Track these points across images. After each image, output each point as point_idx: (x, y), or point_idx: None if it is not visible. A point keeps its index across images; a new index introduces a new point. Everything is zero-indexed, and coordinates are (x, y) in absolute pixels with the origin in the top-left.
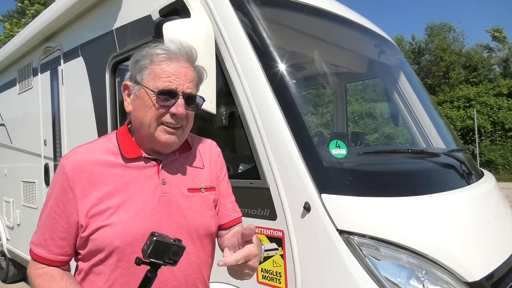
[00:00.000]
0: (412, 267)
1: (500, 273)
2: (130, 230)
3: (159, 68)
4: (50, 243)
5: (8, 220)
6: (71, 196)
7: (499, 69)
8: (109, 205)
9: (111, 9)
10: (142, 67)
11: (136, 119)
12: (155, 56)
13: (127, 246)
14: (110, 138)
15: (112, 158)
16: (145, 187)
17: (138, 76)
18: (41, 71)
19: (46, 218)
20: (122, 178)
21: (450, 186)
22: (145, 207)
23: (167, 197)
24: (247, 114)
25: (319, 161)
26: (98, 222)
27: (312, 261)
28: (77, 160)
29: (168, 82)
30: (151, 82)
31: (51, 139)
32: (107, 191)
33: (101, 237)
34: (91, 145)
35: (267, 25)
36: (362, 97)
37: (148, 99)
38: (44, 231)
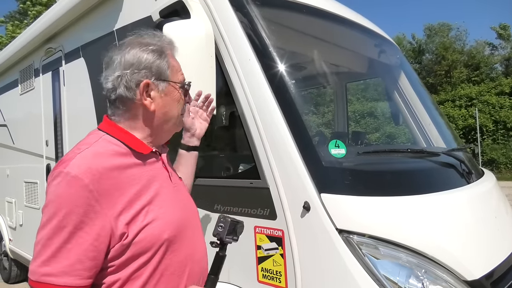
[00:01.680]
0: (412, 266)
1: (499, 272)
2: (172, 221)
3: (174, 62)
4: (78, 267)
5: (11, 220)
6: (97, 209)
7: (501, 68)
8: (142, 205)
9: (112, 10)
10: (163, 64)
11: (164, 116)
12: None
13: (174, 237)
14: (108, 140)
15: (124, 159)
16: (162, 180)
17: (163, 74)
18: (43, 72)
19: (67, 240)
20: (141, 176)
21: (450, 185)
22: (170, 197)
23: (177, 187)
24: (247, 114)
25: (319, 161)
26: (139, 224)
27: (312, 260)
28: (95, 168)
29: (182, 75)
30: (175, 76)
31: (53, 140)
32: (134, 193)
33: (149, 236)
34: (94, 149)
35: (267, 25)
36: (363, 97)
37: (177, 94)
38: (68, 255)
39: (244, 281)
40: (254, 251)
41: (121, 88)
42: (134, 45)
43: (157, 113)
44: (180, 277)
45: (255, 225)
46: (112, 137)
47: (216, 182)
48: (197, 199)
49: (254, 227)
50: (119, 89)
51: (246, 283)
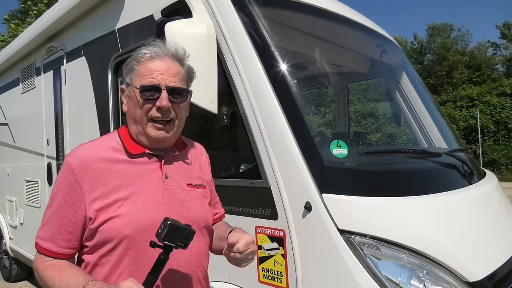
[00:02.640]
0: (413, 267)
1: (501, 273)
2: (138, 220)
3: (143, 67)
4: (57, 237)
5: (11, 219)
6: (78, 192)
7: (503, 69)
8: (117, 198)
9: (114, 9)
10: (130, 69)
11: (129, 118)
12: (140, 57)
13: (136, 235)
14: (113, 136)
15: (117, 155)
16: (149, 181)
17: (127, 78)
18: (44, 71)
19: (54, 213)
20: (127, 173)
21: (451, 186)
22: (151, 199)
23: (170, 190)
24: (248, 114)
25: (320, 161)
26: (107, 214)
27: (313, 260)
28: (83, 157)
29: (151, 79)
30: (137, 81)
31: (53, 139)
32: (114, 185)
33: (111, 228)
34: (95, 143)
35: (269, 25)
36: (364, 97)
37: (135, 97)
38: (52, 225)
39: (244, 281)
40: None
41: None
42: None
43: (127, 115)
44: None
45: (256, 225)
46: (117, 135)
47: (217, 182)
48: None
49: (255, 227)
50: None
51: (246, 283)
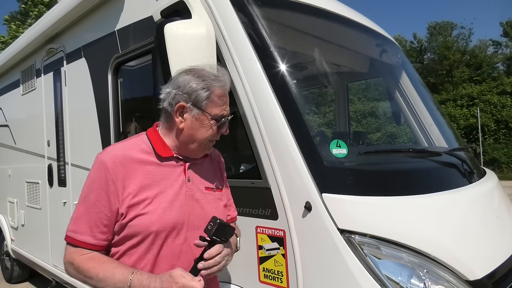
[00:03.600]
0: (414, 266)
1: (501, 272)
2: (164, 218)
3: (217, 98)
4: (95, 230)
5: (13, 220)
6: (113, 188)
7: (503, 67)
8: (146, 196)
9: (113, 11)
10: (203, 95)
11: (190, 136)
12: (214, 87)
13: (161, 232)
14: (143, 139)
15: (146, 156)
16: (174, 183)
17: (199, 103)
18: (44, 72)
19: (89, 208)
20: (156, 174)
21: (451, 185)
22: (175, 199)
23: (191, 192)
24: (248, 114)
25: (320, 161)
26: (137, 210)
27: (313, 260)
28: (117, 157)
29: (223, 111)
30: (211, 109)
31: (54, 140)
32: (143, 184)
33: (140, 224)
34: (126, 143)
35: (268, 25)
36: (364, 96)
37: (207, 123)
38: (88, 219)
39: (245, 281)
40: (256, 251)
41: (166, 102)
42: (193, 73)
43: (184, 132)
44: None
45: (257, 225)
46: (147, 138)
47: None
48: None
49: (255, 227)
50: (165, 102)
51: (247, 283)
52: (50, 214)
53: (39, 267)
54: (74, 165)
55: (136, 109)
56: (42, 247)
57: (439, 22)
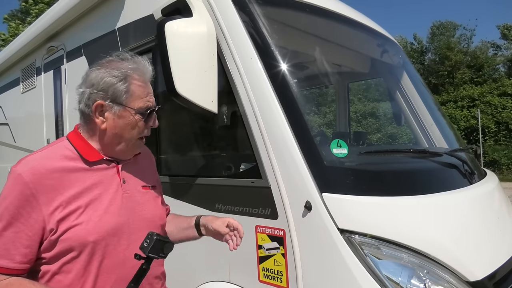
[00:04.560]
0: (414, 266)
1: (502, 273)
2: (102, 226)
3: (137, 89)
4: (13, 252)
5: None
6: (34, 204)
7: (504, 69)
8: (77, 206)
9: (114, 9)
10: (121, 89)
11: (114, 136)
12: (132, 77)
13: (101, 240)
14: (64, 144)
15: (72, 163)
16: (109, 187)
17: (119, 98)
18: (44, 70)
19: (5, 228)
20: (85, 180)
21: (452, 186)
22: (112, 204)
23: (128, 194)
24: (248, 113)
25: (320, 160)
26: (68, 222)
27: (313, 260)
28: (37, 168)
29: (147, 102)
30: (133, 103)
31: (54, 138)
32: (73, 194)
33: (74, 236)
34: (45, 152)
35: (269, 24)
36: (365, 97)
37: (132, 118)
38: (5, 241)
39: (245, 281)
40: (255, 251)
41: (82, 103)
42: (104, 66)
43: (108, 132)
44: (108, 277)
45: (256, 224)
46: (69, 143)
47: (217, 181)
48: (198, 198)
49: (255, 227)
50: (81, 104)
51: (247, 283)
52: None
53: None
54: None
55: None
56: None
57: (443, 22)
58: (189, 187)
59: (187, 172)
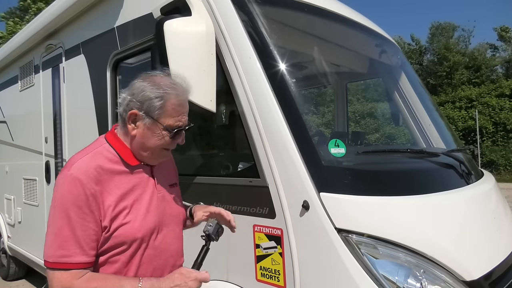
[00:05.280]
0: (410, 265)
1: (498, 273)
2: (146, 224)
3: (171, 108)
4: (86, 248)
5: (9, 217)
6: (94, 203)
7: (502, 70)
8: (124, 206)
9: (113, 7)
10: (156, 105)
11: (141, 144)
12: (169, 97)
13: (145, 236)
14: (106, 148)
15: (116, 166)
16: (146, 188)
17: (152, 112)
18: (43, 68)
19: (74, 228)
20: (128, 182)
21: (449, 186)
22: (150, 204)
23: (161, 194)
24: (246, 113)
25: (318, 160)
26: (119, 221)
27: (310, 259)
28: (90, 171)
29: (178, 122)
30: (164, 120)
31: (52, 137)
32: (120, 194)
33: (124, 233)
34: (92, 155)
35: (268, 23)
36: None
37: (159, 132)
38: (77, 239)
39: (242, 280)
40: (253, 250)
41: (121, 108)
42: (149, 79)
43: (136, 139)
44: (147, 267)
45: (254, 223)
46: (110, 147)
47: (215, 181)
48: (196, 197)
49: (253, 226)
50: (120, 107)
51: (244, 282)
52: (47, 211)
53: (35, 264)
54: None
55: None
56: (39, 244)
57: (442, 23)
58: (187, 186)
59: (185, 171)
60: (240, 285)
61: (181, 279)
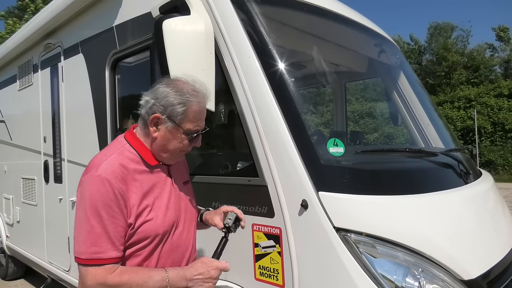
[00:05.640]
0: (409, 264)
1: (496, 272)
2: (166, 220)
3: (192, 115)
4: (117, 243)
5: (8, 217)
6: (122, 202)
7: (500, 70)
8: (146, 204)
9: (112, 6)
10: (178, 111)
11: (162, 146)
12: (191, 104)
13: (166, 232)
14: (127, 148)
15: (138, 166)
16: (165, 187)
17: (174, 117)
18: (41, 67)
19: (105, 225)
20: (149, 181)
21: (447, 185)
22: (169, 201)
23: (177, 192)
24: (245, 112)
25: (317, 159)
26: (142, 218)
27: (309, 258)
28: (117, 172)
29: (197, 126)
30: (185, 124)
31: (50, 136)
32: (142, 193)
33: (148, 229)
34: (116, 156)
35: (267, 23)
36: (362, 97)
37: (179, 136)
38: (109, 236)
39: (241, 279)
40: (252, 249)
41: (144, 110)
42: (173, 84)
43: (157, 141)
44: (166, 260)
45: (253, 222)
46: (131, 147)
47: (214, 180)
48: (196, 196)
49: (251, 225)
50: (143, 109)
51: (243, 281)
52: (46, 211)
53: (34, 264)
54: (70, 162)
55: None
56: (38, 244)
57: (440, 23)
58: None
59: None
60: (239, 284)
61: (203, 268)
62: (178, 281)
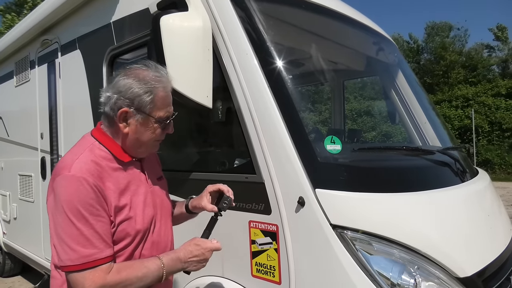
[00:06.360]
0: (405, 262)
1: (491, 270)
2: (145, 217)
3: (160, 102)
4: (108, 241)
5: (5, 213)
6: (102, 199)
7: (498, 70)
8: (124, 202)
9: (109, 2)
10: (146, 100)
11: (135, 140)
12: (157, 90)
13: (146, 229)
14: (96, 145)
15: (110, 163)
16: (140, 183)
17: (143, 107)
18: (39, 63)
19: (93, 224)
20: (124, 178)
21: (444, 183)
22: (145, 198)
23: (152, 188)
24: (243, 109)
25: (314, 157)
26: (122, 216)
27: (305, 255)
28: (92, 170)
29: (167, 112)
30: (155, 112)
31: (48, 133)
32: (119, 191)
33: (127, 227)
34: (87, 154)
35: (265, 20)
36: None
37: (151, 126)
38: (100, 236)
39: (237, 276)
40: (248, 246)
41: (108, 107)
42: (133, 74)
43: (129, 136)
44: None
45: (250, 219)
46: (100, 144)
47: (211, 177)
48: (192, 193)
49: (248, 222)
50: (106, 107)
51: (239, 278)
52: (43, 208)
53: (31, 260)
54: None
55: None
56: (35, 240)
57: (437, 23)
58: (183, 182)
59: (180, 167)
60: (235, 280)
61: (198, 250)
62: (174, 265)
